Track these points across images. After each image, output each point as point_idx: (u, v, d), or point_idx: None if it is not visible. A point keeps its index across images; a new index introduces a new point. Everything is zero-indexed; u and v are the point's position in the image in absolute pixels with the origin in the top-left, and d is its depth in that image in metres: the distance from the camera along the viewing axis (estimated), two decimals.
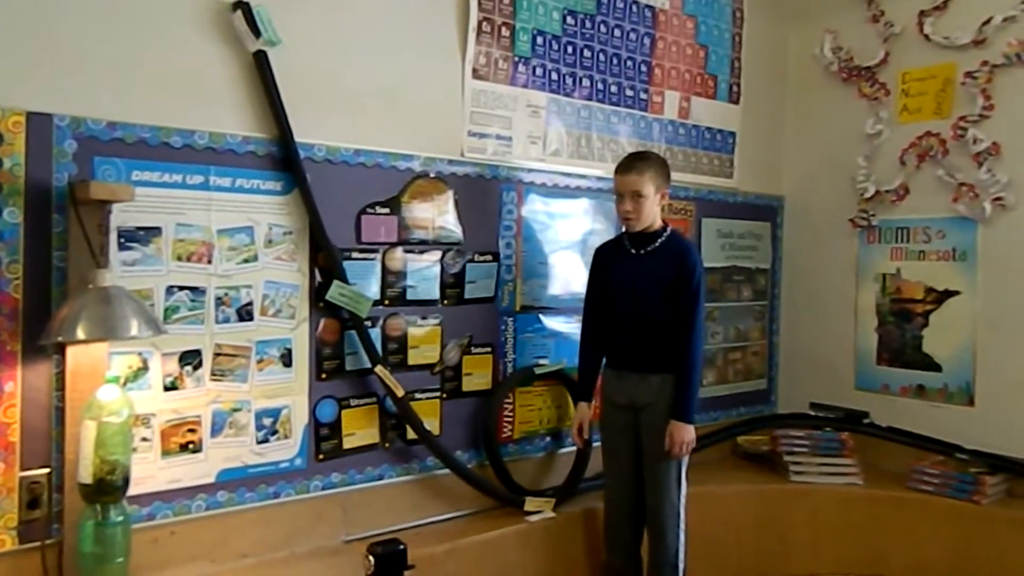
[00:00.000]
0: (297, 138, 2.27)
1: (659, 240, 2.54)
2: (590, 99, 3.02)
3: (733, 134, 3.57)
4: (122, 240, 2.01)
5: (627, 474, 2.57)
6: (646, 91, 3.21)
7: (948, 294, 3.29)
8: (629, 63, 3.14)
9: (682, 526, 2.52)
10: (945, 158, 3.28)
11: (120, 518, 1.84)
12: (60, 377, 1.90)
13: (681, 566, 2.52)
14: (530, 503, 2.72)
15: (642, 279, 2.52)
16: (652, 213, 2.51)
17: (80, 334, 1.74)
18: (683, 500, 2.53)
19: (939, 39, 3.28)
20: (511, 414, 2.82)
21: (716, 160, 3.52)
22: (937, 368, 3.31)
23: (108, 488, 1.81)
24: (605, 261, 2.65)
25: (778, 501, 3.12)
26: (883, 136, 3.46)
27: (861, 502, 3.08)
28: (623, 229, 2.64)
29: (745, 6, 3.58)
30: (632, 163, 2.52)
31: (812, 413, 3.52)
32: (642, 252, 2.54)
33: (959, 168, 3.23)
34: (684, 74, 3.35)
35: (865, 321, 3.54)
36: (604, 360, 2.67)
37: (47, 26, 1.91)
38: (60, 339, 1.75)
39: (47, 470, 1.90)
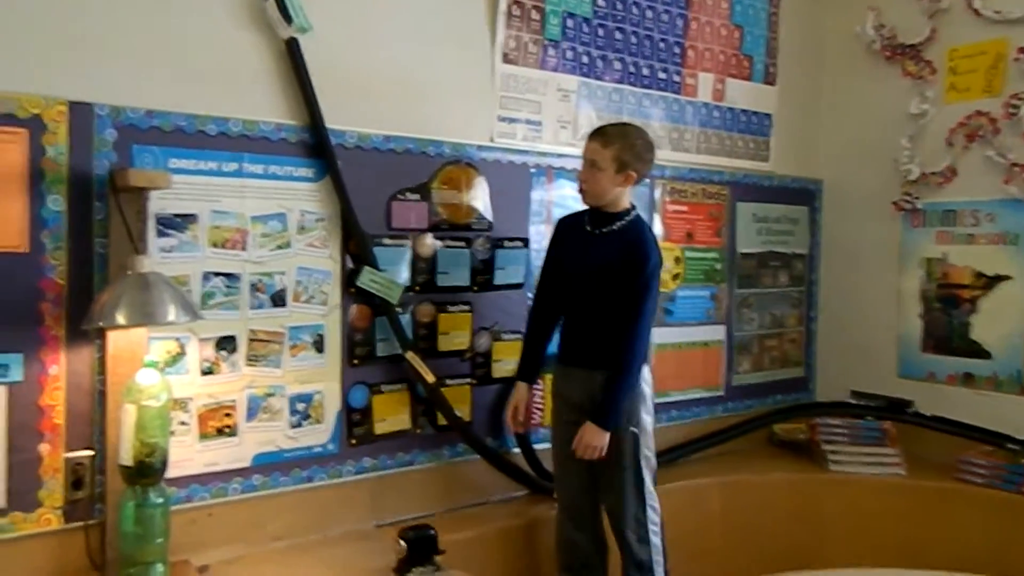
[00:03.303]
0: (328, 124, 2.28)
1: (617, 223, 2.29)
2: (621, 82, 2.99)
3: (769, 116, 3.50)
4: (160, 227, 2.05)
5: (581, 478, 2.33)
6: (679, 73, 3.16)
7: (998, 279, 3.19)
8: (661, 44, 3.10)
9: (652, 536, 2.29)
10: (996, 138, 3.16)
11: (159, 499, 1.88)
12: (102, 361, 1.95)
13: (660, 572, 2.31)
14: None
15: (591, 262, 2.28)
16: (608, 191, 2.25)
17: (120, 319, 1.78)
18: (651, 507, 2.30)
19: (990, 13, 3.16)
20: (541, 400, 2.81)
21: (752, 143, 3.45)
22: (986, 355, 3.21)
23: (147, 470, 1.85)
24: (562, 235, 2.43)
25: (815, 491, 3.08)
26: (928, 116, 3.35)
27: (903, 493, 3.01)
28: None
29: None
30: (601, 130, 2.28)
31: (852, 401, 3.45)
32: (596, 232, 2.31)
33: (1011, 148, 3.12)
34: (718, 55, 3.29)
35: (909, 307, 3.45)
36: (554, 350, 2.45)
37: (87, 16, 1.95)
38: (100, 324, 1.79)
39: (91, 452, 1.96)
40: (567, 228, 2.43)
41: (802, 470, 3.18)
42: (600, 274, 2.28)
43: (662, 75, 3.10)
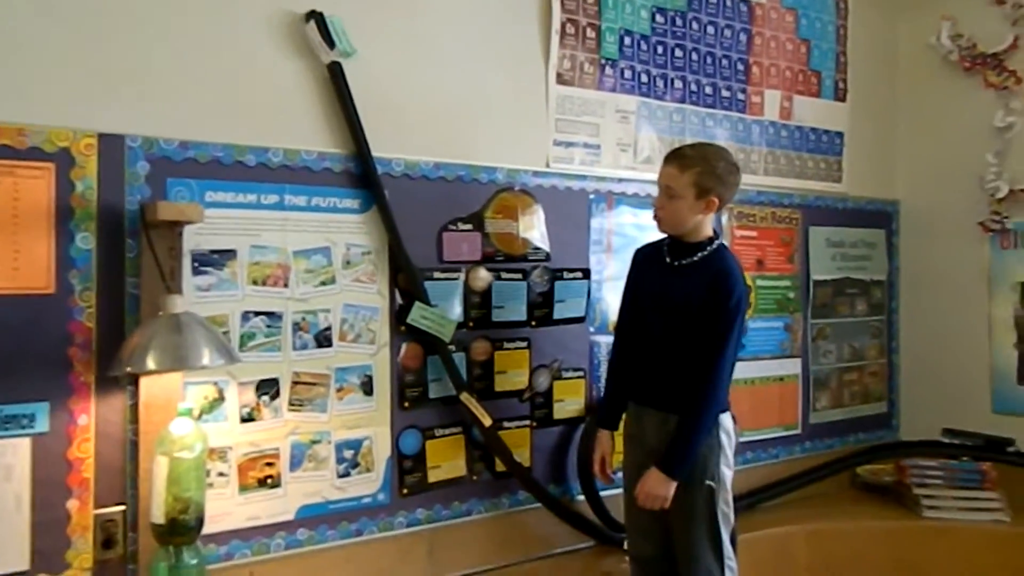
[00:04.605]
0: (374, 153, 2.16)
1: (699, 254, 2.09)
2: (683, 102, 2.81)
3: (840, 134, 3.28)
4: (196, 264, 1.92)
5: (652, 528, 2.12)
6: (744, 91, 2.98)
7: None
8: (724, 62, 2.92)
9: None
10: None
11: (194, 560, 1.73)
12: (134, 409, 1.82)
13: None
14: None
15: (671, 297, 2.09)
16: (687, 220, 2.05)
17: (150, 364, 1.64)
18: (728, 567, 2.07)
19: None
20: None
21: (823, 163, 3.24)
22: None
23: (181, 528, 1.70)
24: (639, 266, 2.25)
25: (912, 540, 2.79)
26: (1015, 129, 3.13)
27: (1009, 541, 2.73)
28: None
29: None
30: (678, 153, 2.09)
31: (945, 440, 3.15)
32: (676, 264, 2.11)
33: None
34: (785, 71, 3.09)
35: (1002, 336, 3.18)
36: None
37: (116, 44, 1.85)
38: (128, 369, 1.66)
39: (122, 507, 1.82)
40: (645, 259, 2.24)
41: (894, 516, 2.91)
42: (680, 309, 2.07)
43: (726, 93, 2.92)
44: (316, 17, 2.06)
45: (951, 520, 2.82)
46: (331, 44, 2.08)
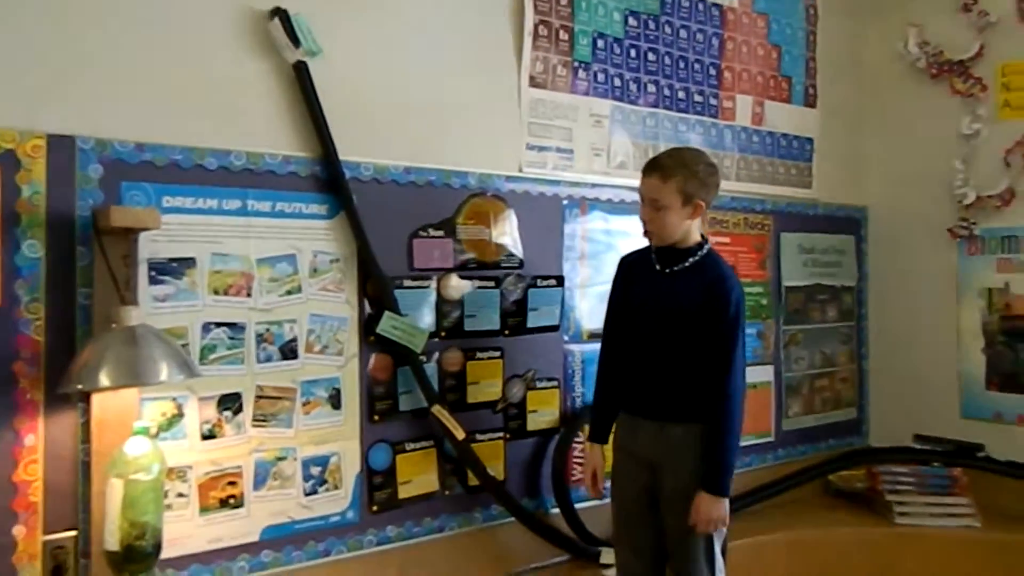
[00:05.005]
0: (342, 156, 2.08)
1: (691, 259, 2.06)
2: (656, 106, 2.78)
3: (810, 140, 3.28)
4: (153, 273, 1.83)
5: (643, 544, 2.10)
6: (716, 96, 2.95)
7: None
8: (697, 66, 2.89)
9: None
10: None
11: None
12: (86, 428, 1.72)
13: None
14: (607, 555, 2.43)
15: (665, 304, 2.06)
16: (678, 228, 2.03)
17: (103, 380, 1.55)
18: None
19: None
20: (582, 454, 2.55)
21: (793, 169, 3.23)
22: None
23: (137, 555, 1.61)
24: (628, 276, 2.20)
25: (885, 546, 2.78)
26: (982, 136, 3.15)
27: (981, 547, 2.73)
28: None
29: (819, 1, 3.30)
30: (658, 164, 2.03)
31: (916, 446, 3.15)
32: (668, 271, 2.08)
33: None
34: (756, 77, 3.08)
35: (969, 342, 3.19)
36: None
37: (68, 41, 1.75)
38: (80, 387, 1.56)
39: (73, 533, 1.72)
40: (632, 268, 2.20)
41: (867, 523, 2.89)
42: (675, 315, 2.04)
43: (698, 98, 2.89)
44: (280, 14, 1.99)
45: (922, 526, 2.82)
46: (296, 43, 2.01)
